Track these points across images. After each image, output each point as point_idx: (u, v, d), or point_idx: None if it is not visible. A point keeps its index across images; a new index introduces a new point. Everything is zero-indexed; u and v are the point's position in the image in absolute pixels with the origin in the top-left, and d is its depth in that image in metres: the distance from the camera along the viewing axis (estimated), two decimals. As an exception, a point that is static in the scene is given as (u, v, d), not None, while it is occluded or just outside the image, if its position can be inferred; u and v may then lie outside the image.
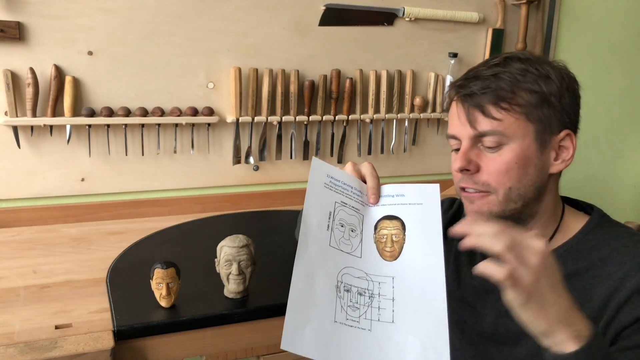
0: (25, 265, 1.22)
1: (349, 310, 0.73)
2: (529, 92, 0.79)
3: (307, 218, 0.78)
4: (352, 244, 0.80)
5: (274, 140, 1.71)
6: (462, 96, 0.82)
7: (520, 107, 0.79)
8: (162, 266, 0.99)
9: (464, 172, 0.81)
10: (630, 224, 1.86)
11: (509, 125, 0.79)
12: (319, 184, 0.82)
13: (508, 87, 0.79)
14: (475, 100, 0.80)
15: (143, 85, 1.53)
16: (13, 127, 1.42)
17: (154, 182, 1.61)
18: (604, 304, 0.77)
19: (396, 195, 0.85)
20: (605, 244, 0.81)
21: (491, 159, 0.80)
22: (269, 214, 1.66)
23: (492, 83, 0.79)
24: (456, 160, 0.82)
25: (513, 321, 0.85)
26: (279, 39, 1.64)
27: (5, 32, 1.36)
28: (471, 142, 0.81)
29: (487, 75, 0.81)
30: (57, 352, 0.88)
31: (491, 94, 0.79)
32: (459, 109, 0.83)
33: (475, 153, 0.81)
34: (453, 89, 0.85)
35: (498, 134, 0.79)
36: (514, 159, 0.79)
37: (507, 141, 0.79)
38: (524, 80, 0.79)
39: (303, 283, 0.73)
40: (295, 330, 0.69)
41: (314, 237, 0.77)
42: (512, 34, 1.94)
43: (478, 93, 0.79)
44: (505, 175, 0.80)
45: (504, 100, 0.79)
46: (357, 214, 0.82)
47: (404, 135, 1.86)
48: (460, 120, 0.82)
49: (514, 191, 0.80)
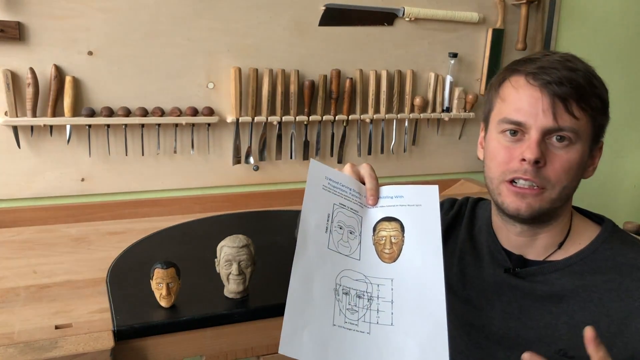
0: (25, 265, 1.22)
1: (347, 314, 0.73)
2: (597, 97, 0.79)
3: (305, 220, 0.77)
4: (350, 246, 0.79)
5: (274, 140, 1.71)
6: (545, 83, 0.77)
7: (592, 110, 0.78)
8: (162, 266, 0.99)
9: (533, 165, 0.77)
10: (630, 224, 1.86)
11: (582, 125, 0.78)
12: (317, 186, 0.81)
13: (587, 86, 0.78)
14: (561, 91, 0.76)
15: (143, 85, 1.53)
16: (13, 127, 1.42)
17: (154, 182, 1.61)
18: (623, 323, 0.76)
19: (395, 197, 0.84)
20: (622, 255, 0.81)
21: (557, 155, 0.78)
22: (269, 214, 1.66)
23: (573, 77, 0.77)
24: (529, 150, 0.77)
25: (524, 326, 0.84)
26: (279, 39, 1.64)
27: (5, 32, 1.36)
28: (543, 133, 0.77)
29: (564, 67, 0.78)
30: (57, 352, 0.88)
31: (574, 90, 0.76)
32: (538, 94, 0.78)
33: (543, 146, 0.78)
34: (526, 72, 0.80)
35: (574, 131, 0.77)
36: (577, 159, 0.79)
37: (577, 140, 0.78)
38: (596, 85, 0.79)
39: (301, 286, 0.72)
40: (294, 334, 0.68)
41: (312, 239, 0.76)
42: (512, 34, 1.94)
43: (566, 84, 0.76)
44: (566, 174, 0.79)
45: (584, 100, 0.77)
46: (355, 215, 0.82)
47: (404, 135, 1.86)
48: (537, 108, 0.77)
49: (565, 190, 0.80)
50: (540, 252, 0.86)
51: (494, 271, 0.89)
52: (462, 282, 0.92)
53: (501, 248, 0.90)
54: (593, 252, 0.82)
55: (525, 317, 0.84)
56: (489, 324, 0.88)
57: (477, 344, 0.89)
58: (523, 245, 0.87)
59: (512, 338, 0.85)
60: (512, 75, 0.82)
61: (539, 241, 0.85)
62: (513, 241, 0.88)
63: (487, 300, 0.89)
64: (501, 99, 0.83)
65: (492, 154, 0.83)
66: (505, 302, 0.86)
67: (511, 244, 0.89)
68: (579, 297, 0.80)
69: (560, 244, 0.84)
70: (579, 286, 0.81)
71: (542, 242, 0.85)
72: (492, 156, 0.83)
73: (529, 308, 0.84)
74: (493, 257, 0.90)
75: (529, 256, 0.87)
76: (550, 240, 0.85)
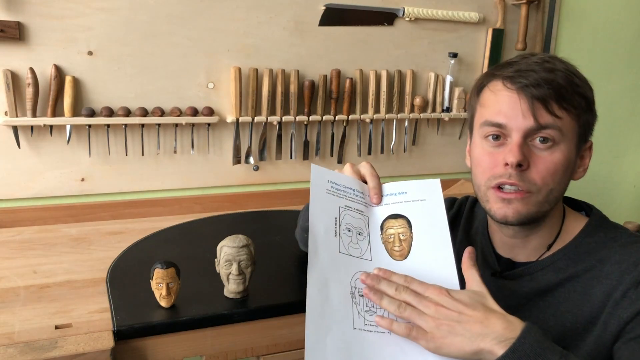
0: (25, 265, 1.21)
1: (366, 316, 0.73)
2: (580, 96, 0.79)
3: (313, 227, 0.77)
4: (360, 248, 0.79)
5: (274, 140, 1.71)
6: (522, 86, 0.77)
7: (575, 108, 0.78)
8: (162, 266, 0.99)
9: (516, 169, 0.76)
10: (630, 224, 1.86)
11: (566, 124, 0.78)
12: (321, 190, 0.81)
13: (568, 86, 0.77)
14: (539, 93, 0.76)
15: (143, 85, 1.53)
16: (13, 127, 1.42)
17: (154, 182, 1.61)
18: (602, 303, 0.77)
19: (398, 194, 0.84)
20: (604, 246, 0.81)
21: (541, 158, 0.77)
22: (269, 214, 1.66)
23: (551, 78, 0.77)
24: (510, 154, 0.77)
25: None
26: (279, 39, 1.64)
27: (5, 32, 1.36)
28: (525, 135, 0.77)
29: (543, 69, 0.78)
30: (57, 352, 0.88)
31: (553, 91, 0.76)
32: (516, 97, 0.77)
33: (525, 149, 0.77)
34: (503, 77, 0.80)
35: (557, 129, 0.77)
36: (563, 160, 0.78)
37: (560, 141, 0.77)
38: (578, 84, 0.79)
39: (318, 294, 0.72)
40: (317, 343, 0.69)
41: (322, 245, 0.76)
42: (512, 34, 1.94)
43: (544, 85, 0.76)
44: (552, 176, 0.78)
45: (565, 99, 0.77)
46: (362, 216, 0.82)
47: (404, 135, 1.86)
48: (516, 110, 0.77)
49: (553, 193, 0.79)
50: (531, 254, 0.86)
51: (484, 272, 0.90)
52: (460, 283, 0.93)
53: (492, 251, 0.91)
54: (576, 247, 0.83)
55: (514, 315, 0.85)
56: None
57: None
58: (515, 246, 0.88)
59: None
60: (490, 81, 0.82)
61: (530, 243, 0.86)
62: (506, 243, 0.89)
63: None
64: (481, 104, 0.84)
65: (477, 160, 0.84)
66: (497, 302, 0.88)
67: (504, 246, 0.90)
68: (563, 289, 0.81)
69: (549, 246, 0.85)
70: (562, 279, 0.82)
71: (533, 244, 0.86)
72: (477, 163, 0.83)
73: (517, 306, 0.85)
74: (485, 259, 0.92)
75: (520, 258, 0.88)
76: (541, 241, 0.86)
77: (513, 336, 0.64)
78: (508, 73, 0.79)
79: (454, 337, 0.66)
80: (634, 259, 0.77)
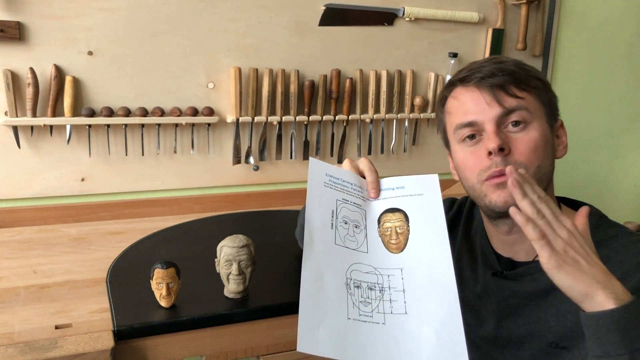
0: (25, 265, 1.21)
1: (361, 306, 0.73)
2: (535, 78, 0.83)
3: (310, 219, 0.77)
4: (357, 240, 0.80)
5: (274, 140, 1.71)
6: (478, 80, 0.81)
7: (534, 89, 0.82)
8: (162, 266, 0.99)
9: (499, 154, 0.79)
10: (630, 224, 1.86)
11: (530, 103, 0.81)
12: (319, 183, 0.82)
13: (520, 71, 0.82)
14: (496, 81, 0.80)
15: (143, 85, 1.53)
16: (13, 127, 1.42)
17: (154, 182, 1.61)
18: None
19: (396, 188, 0.85)
20: (604, 245, 0.81)
21: (519, 139, 0.80)
22: (269, 214, 1.66)
23: (503, 67, 0.81)
24: (489, 141, 0.79)
25: (516, 324, 0.85)
26: (279, 39, 1.64)
27: (5, 32, 1.36)
28: (497, 123, 0.80)
29: (492, 63, 0.83)
30: (57, 352, 0.88)
31: (509, 76, 0.81)
32: (477, 93, 0.82)
33: (502, 135, 0.80)
34: (459, 80, 0.85)
35: (524, 109, 0.80)
36: (540, 137, 0.81)
37: (531, 119, 0.81)
38: (528, 69, 0.83)
39: (312, 284, 0.73)
40: (310, 332, 0.69)
41: (319, 237, 0.76)
42: (512, 34, 1.94)
43: (498, 74, 0.80)
44: (534, 153, 0.80)
45: (521, 82, 0.81)
46: (359, 209, 0.82)
47: (404, 135, 1.86)
48: (480, 104, 0.81)
49: (542, 169, 0.81)
50: (531, 250, 0.86)
51: (485, 273, 0.91)
52: (459, 283, 0.93)
53: (492, 251, 0.91)
54: None
55: (516, 315, 0.86)
56: (485, 325, 0.90)
57: (473, 343, 0.91)
58: (514, 243, 0.88)
59: (505, 337, 0.87)
60: (450, 90, 0.87)
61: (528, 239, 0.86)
62: (505, 242, 0.89)
63: (480, 301, 0.91)
64: (448, 113, 0.87)
65: (463, 164, 0.85)
66: (495, 303, 0.88)
67: (503, 245, 0.90)
68: None
69: None
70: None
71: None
72: (464, 166, 0.85)
73: (519, 306, 0.85)
74: (485, 259, 0.92)
75: (519, 257, 0.88)
76: None
77: (628, 299, 0.65)
78: (462, 75, 0.84)
79: (576, 269, 0.65)
80: (636, 261, 0.77)
